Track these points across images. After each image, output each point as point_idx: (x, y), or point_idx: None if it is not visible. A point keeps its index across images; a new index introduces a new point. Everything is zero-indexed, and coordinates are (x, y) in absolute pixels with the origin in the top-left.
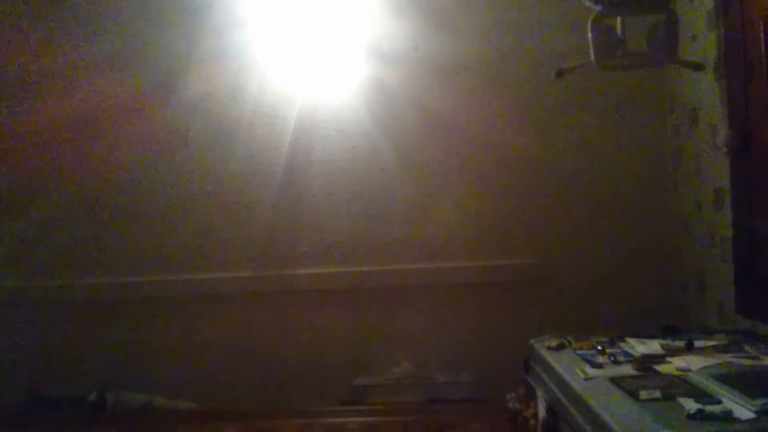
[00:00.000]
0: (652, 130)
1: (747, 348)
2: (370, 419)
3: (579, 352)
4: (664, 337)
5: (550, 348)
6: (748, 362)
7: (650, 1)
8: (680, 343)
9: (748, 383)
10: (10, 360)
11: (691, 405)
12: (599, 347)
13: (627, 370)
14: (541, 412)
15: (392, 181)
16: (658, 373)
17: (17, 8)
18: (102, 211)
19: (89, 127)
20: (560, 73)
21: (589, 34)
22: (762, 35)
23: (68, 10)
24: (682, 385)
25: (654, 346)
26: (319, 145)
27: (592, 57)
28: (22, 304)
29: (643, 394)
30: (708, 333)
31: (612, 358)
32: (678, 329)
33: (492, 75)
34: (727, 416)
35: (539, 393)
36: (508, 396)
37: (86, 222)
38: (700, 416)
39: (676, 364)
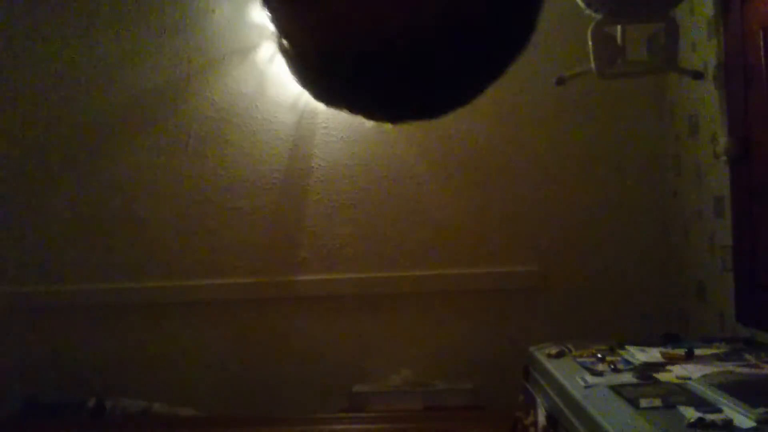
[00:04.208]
0: (652, 137)
1: (747, 356)
2: (369, 426)
3: (579, 359)
4: (664, 345)
5: (549, 356)
6: (748, 371)
7: (650, 10)
8: (680, 351)
9: (749, 392)
10: (9, 365)
11: (691, 413)
12: (599, 355)
13: (627, 378)
14: (541, 419)
15: (392, 188)
16: (658, 381)
17: (19, 14)
18: (102, 217)
19: (90, 133)
20: (561, 81)
21: (590, 42)
22: (762, 44)
23: (69, 16)
24: (682, 393)
25: (654, 354)
26: (319, 152)
27: (593, 65)
28: (21, 309)
29: (643, 403)
30: (708, 341)
31: (612, 366)
32: (678, 337)
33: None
34: (728, 425)
35: (539, 401)
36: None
37: (86, 227)
38: (700, 425)
39: (676, 372)
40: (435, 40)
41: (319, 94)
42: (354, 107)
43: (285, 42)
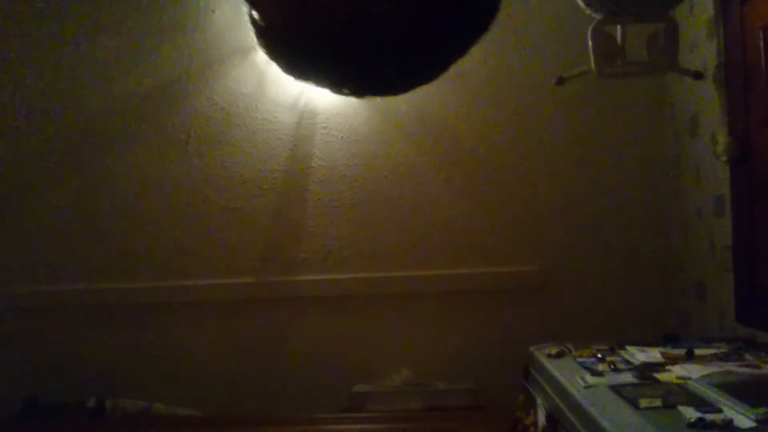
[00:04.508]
0: (652, 137)
1: (747, 356)
2: (369, 426)
3: (579, 359)
4: (664, 345)
5: (549, 356)
6: (748, 371)
7: (650, 10)
8: (680, 351)
9: (749, 392)
10: (9, 365)
11: (691, 413)
12: (599, 355)
13: (627, 378)
14: (541, 419)
15: (392, 188)
16: (658, 381)
17: (20, 12)
18: (102, 217)
19: (89, 133)
20: (560, 81)
21: (590, 42)
22: (761, 44)
23: (70, 16)
24: (682, 393)
25: (654, 354)
26: (319, 152)
27: (592, 65)
28: (21, 309)
29: (643, 403)
30: (708, 341)
31: (612, 366)
32: (678, 337)
33: (492, 82)
34: (728, 425)
35: (539, 401)
36: None
37: (86, 227)
38: (700, 425)
39: (676, 372)
40: (401, 18)
41: (288, 67)
42: (320, 81)
43: (255, 14)
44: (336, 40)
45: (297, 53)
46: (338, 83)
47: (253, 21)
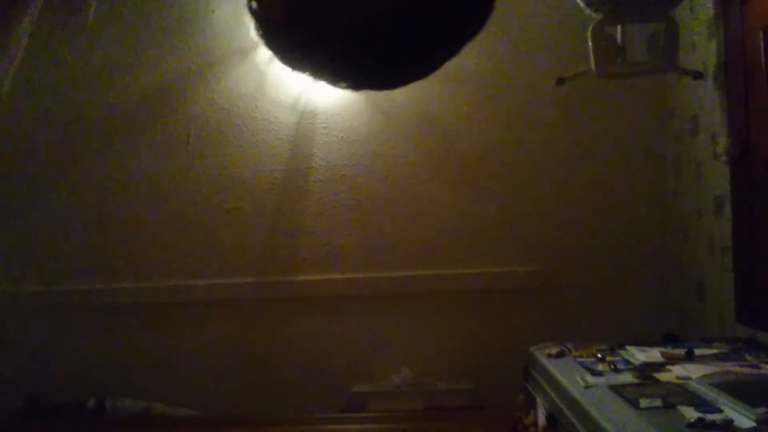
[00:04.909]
0: (653, 137)
1: (747, 356)
2: (369, 426)
3: (579, 359)
4: (664, 345)
5: (550, 356)
6: (748, 371)
7: (650, 10)
8: (680, 351)
9: (749, 392)
10: (9, 366)
11: (691, 413)
12: (599, 355)
13: (627, 378)
14: (541, 419)
15: (392, 188)
16: (658, 381)
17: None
18: (102, 217)
19: (90, 134)
20: (561, 81)
21: (590, 42)
22: (762, 44)
23: (69, 16)
24: (682, 393)
25: (654, 354)
26: (319, 152)
27: (593, 65)
28: (21, 309)
29: (644, 403)
30: (708, 341)
31: (612, 366)
32: (678, 337)
33: (492, 83)
34: (728, 425)
35: (539, 401)
36: None
37: (86, 228)
38: (700, 425)
39: (676, 372)
40: (399, 14)
41: (286, 58)
42: (318, 73)
43: (255, 4)
44: (335, 34)
45: (296, 45)
46: (336, 76)
47: (253, 12)
